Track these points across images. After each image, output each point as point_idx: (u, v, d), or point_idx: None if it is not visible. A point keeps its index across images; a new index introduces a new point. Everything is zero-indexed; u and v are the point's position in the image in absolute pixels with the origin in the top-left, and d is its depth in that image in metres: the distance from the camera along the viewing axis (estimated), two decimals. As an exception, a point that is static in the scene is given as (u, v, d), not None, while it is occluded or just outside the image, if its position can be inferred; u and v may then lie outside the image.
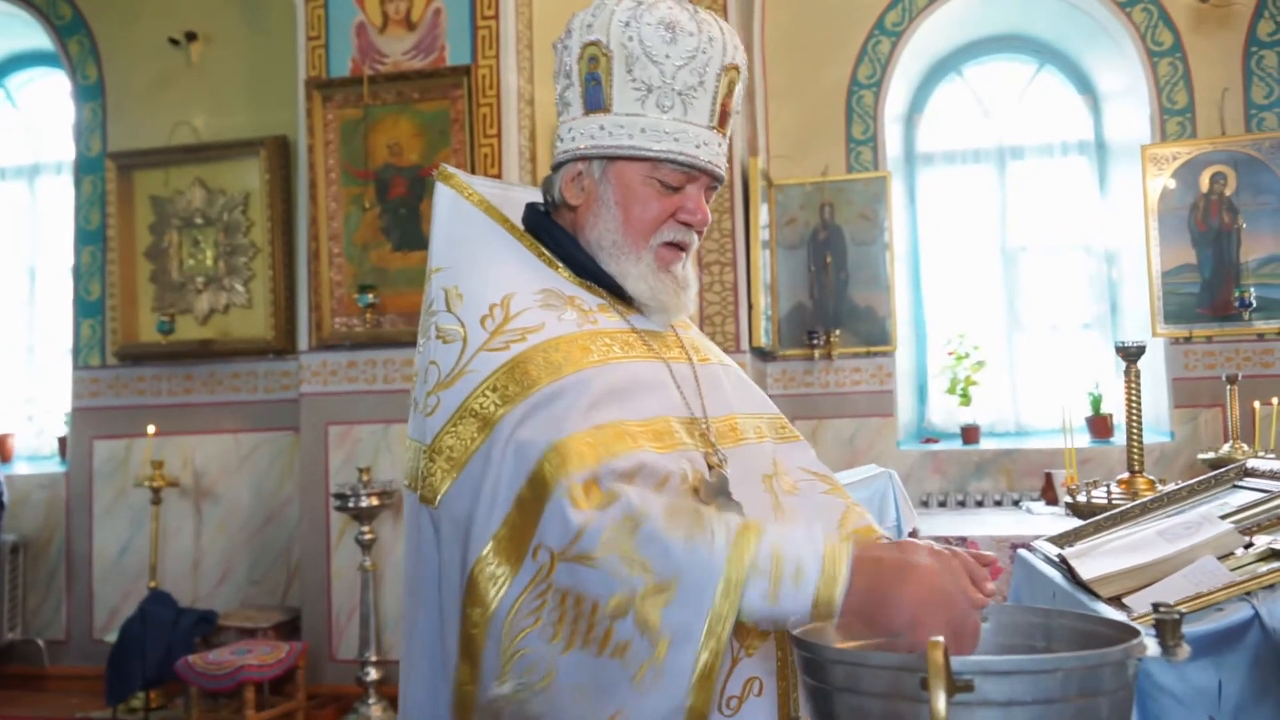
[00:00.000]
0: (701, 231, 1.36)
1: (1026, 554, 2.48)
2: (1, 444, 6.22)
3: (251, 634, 4.85)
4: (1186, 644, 1.14)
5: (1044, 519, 4.26)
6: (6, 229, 6.62)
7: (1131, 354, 3.12)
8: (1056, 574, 2.18)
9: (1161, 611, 1.21)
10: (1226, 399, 4.12)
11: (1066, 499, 3.43)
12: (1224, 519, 2.02)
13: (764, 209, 5.81)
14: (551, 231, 1.37)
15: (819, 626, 1.15)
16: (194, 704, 4.24)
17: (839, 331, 5.90)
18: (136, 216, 5.63)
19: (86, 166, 5.86)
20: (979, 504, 5.53)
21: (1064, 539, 2.39)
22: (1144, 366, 3.23)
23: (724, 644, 1.06)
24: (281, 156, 5.43)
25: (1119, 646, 1.01)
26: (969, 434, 5.87)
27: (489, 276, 1.30)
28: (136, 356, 5.61)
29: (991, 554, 1.28)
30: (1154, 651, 1.03)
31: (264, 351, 5.44)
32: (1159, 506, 2.38)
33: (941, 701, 0.88)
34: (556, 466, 1.12)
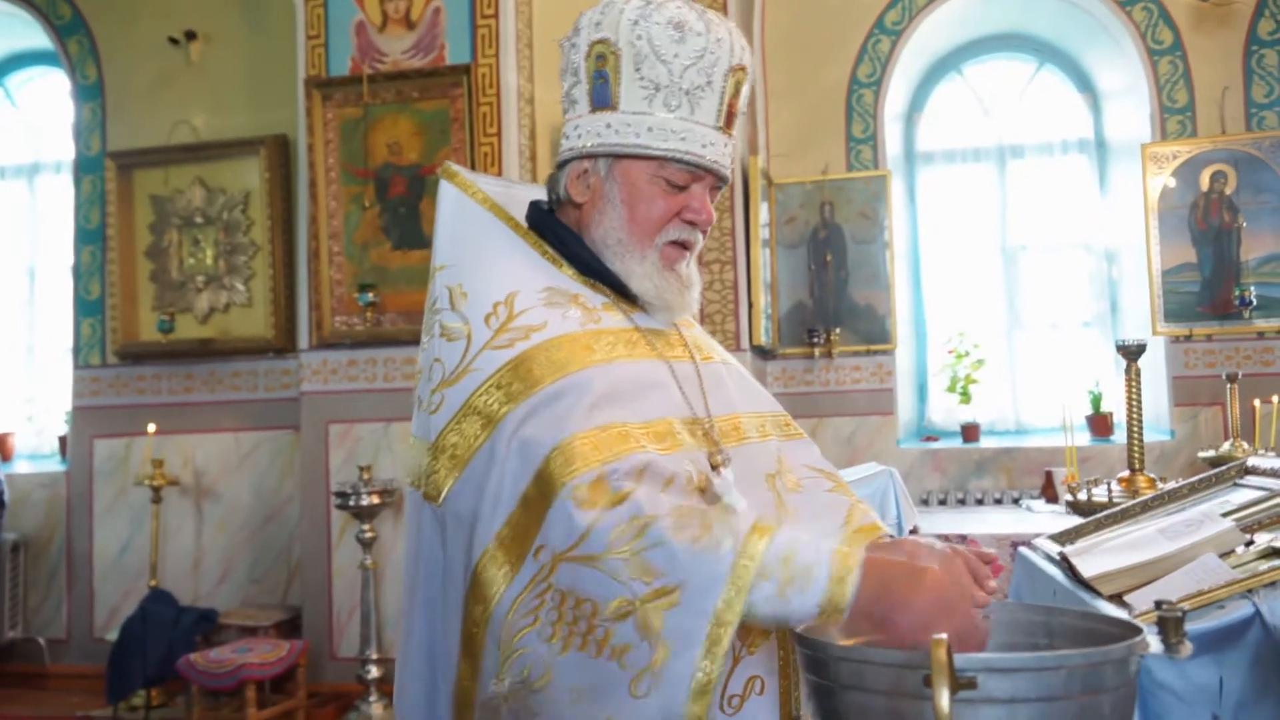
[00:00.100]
0: (706, 231, 1.36)
1: (1027, 552, 2.48)
2: (2, 443, 6.22)
3: (252, 632, 4.85)
4: (1189, 641, 1.14)
5: (1044, 517, 4.26)
6: (6, 228, 6.62)
7: (1132, 352, 3.12)
8: (1057, 572, 2.18)
9: (1164, 609, 1.22)
10: (1226, 397, 4.12)
11: (1067, 497, 3.43)
12: (1225, 517, 2.03)
13: (764, 207, 5.81)
14: (555, 229, 1.37)
15: (821, 624, 1.16)
16: (195, 702, 4.24)
17: (839, 330, 5.90)
18: (136, 216, 5.63)
19: (86, 166, 5.86)
20: (979, 502, 5.53)
21: (1065, 537, 2.39)
22: (1144, 365, 3.23)
23: (725, 652, 1.05)
24: (281, 155, 5.43)
25: (1121, 644, 1.01)
26: (969, 432, 5.87)
27: (493, 274, 1.30)
28: (137, 355, 5.61)
29: (993, 551, 1.29)
30: (1156, 649, 1.03)
31: (264, 350, 5.44)
32: (1160, 504, 2.38)
33: (945, 699, 0.88)
34: (562, 466, 1.12)
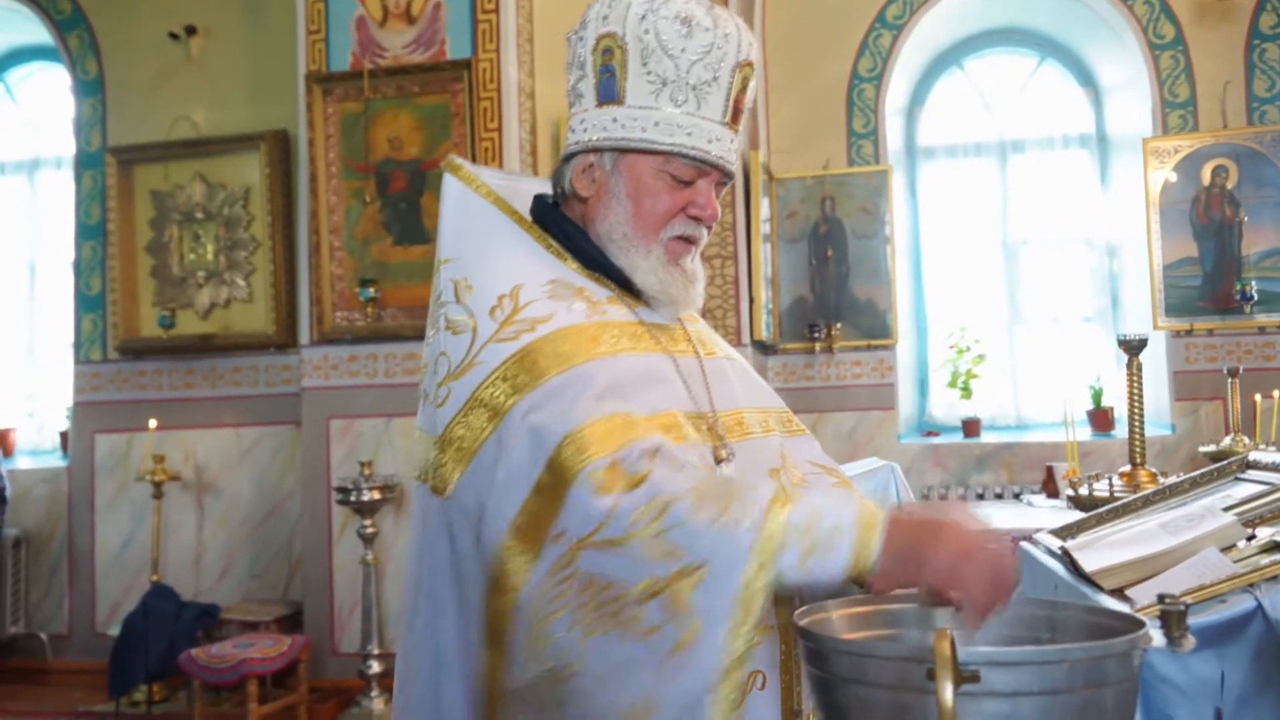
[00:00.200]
0: (711, 227, 1.36)
1: (1029, 546, 2.48)
2: (3, 439, 6.22)
3: (254, 627, 4.86)
4: (1191, 635, 1.14)
5: (1045, 512, 4.26)
6: (7, 224, 6.61)
7: (1133, 347, 3.12)
8: (1059, 566, 2.18)
9: (1167, 603, 1.22)
10: (1227, 392, 4.12)
11: (1068, 492, 3.43)
12: (1226, 511, 2.03)
13: (765, 203, 5.80)
14: (560, 223, 1.37)
15: (824, 618, 1.16)
16: (196, 697, 4.25)
17: (840, 325, 5.90)
18: (137, 211, 5.63)
19: (87, 161, 5.85)
20: (980, 497, 5.53)
21: (1066, 531, 2.39)
22: (1145, 359, 3.23)
23: (755, 624, 1.06)
24: (282, 151, 5.42)
25: (1124, 637, 1.01)
26: (970, 427, 5.87)
27: (498, 267, 1.30)
28: (138, 351, 5.61)
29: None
30: (1159, 642, 1.03)
31: (265, 345, 5.44)
32: (1161, 499, 2.38)
33: (948, 692, 0.88)
34: (576, 452, 1.12)
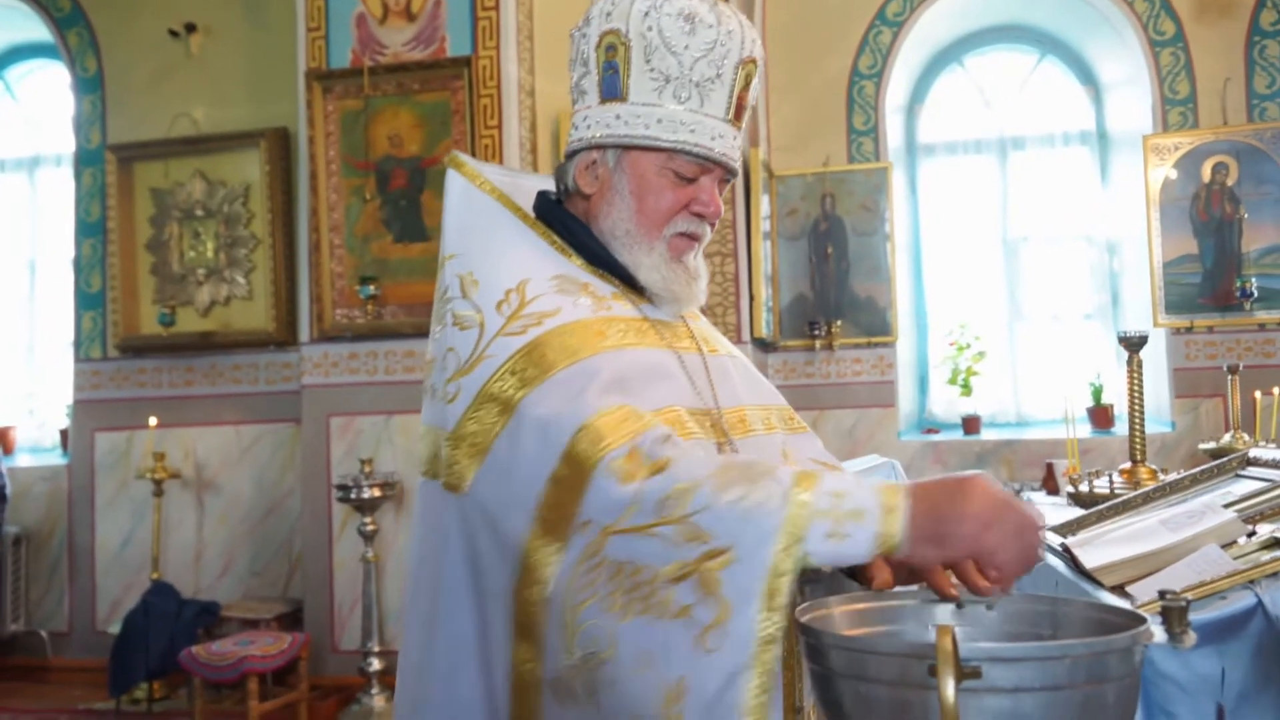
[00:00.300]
0: (714, 224, 1.36)
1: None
2: (3, 436, 6.22)
3: (254, 625, 4.86)
4: (1192, 631, 1.14)
5: (1045, 509, 4.26)
6: (7, 222, 6.61)
7: (1134, 344, 3.12)
8: (1059, 563, 2.18)
9: (1168, 598, 1.22)
10: (1227, 389, 4.12)
11: (1068, 489, 3.43)
12: (1227, 508, 2.03)
13: (765, 200, 5.80)
14: (564, 219, 1.37)
15: (824, 614, 1.16)
16: (197, 695, 4.24)
17: (840, 322, 5.90)
18: (137, 209, 5.63)
19: (86, 159, 5.85)
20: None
21: (1066, 528, 2.40)
22: (1145, 357, 3.23)
23: (785, 603, 1.06)
24: (282, 148, 5.42)
25: (1126, 633, 1.01)
26: (970, 424, 5.87)
27: (503, 262, 1.30)
28: (138, 349, 5.61)
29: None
30: (1161, 638, 1.03)
31: (265, 343, 5.44)
32: (1161, 496, 2.38)
33: (950, 688, 0.88)
34: (592, 443, 1.12)
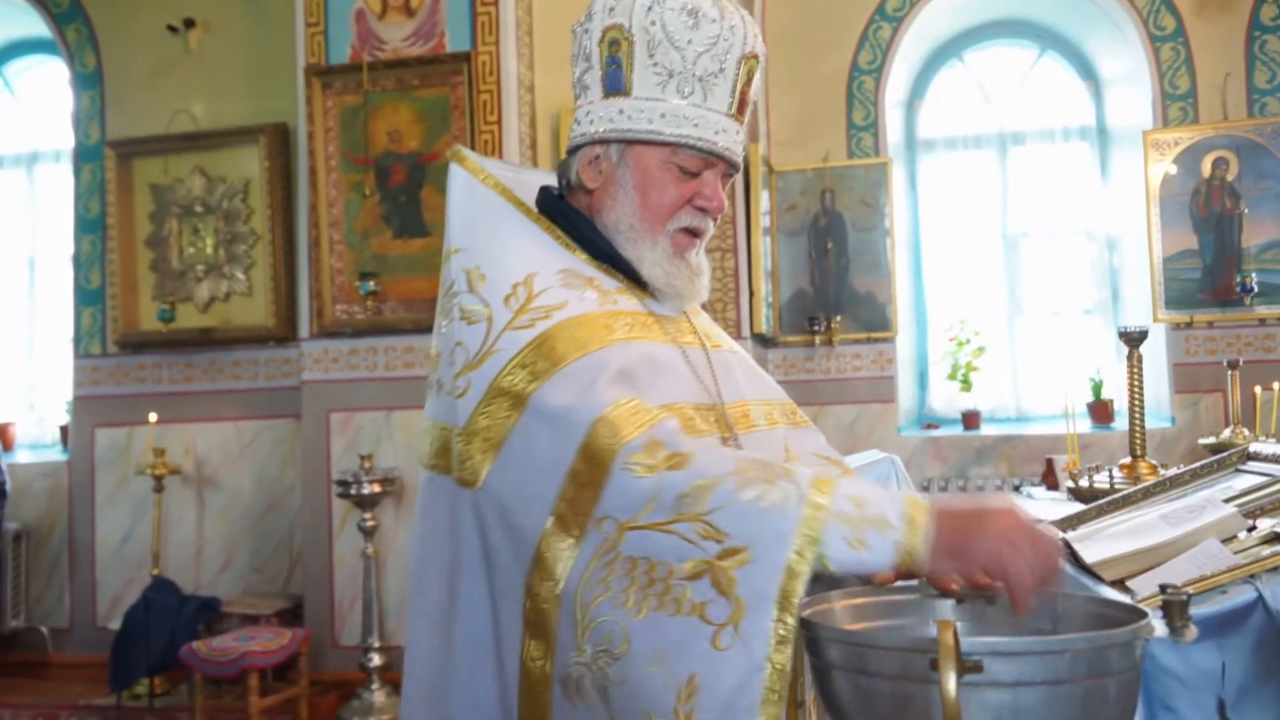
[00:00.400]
0: (716, 218, 1.37)
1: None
2: (3, 432, 6.22)
3: (254, 621, 4.86)
4: (1193, 625, 1.14)
5: (1045, 504, 4.25)
6: (6, 218, 6.60)
7: (1134, 339, 3.12)
8: (1060, 558, 2.19)
9: (1169, 593, 1.22)
10: (1227, 384, 4.11)
11: (1068, 484, 3.43)
12: (1227, 503, 2.03)
13: (765, 195, 5.80)
14: (567, 214, 1.37)
15: (826, 609, 1.16)
16: (198, 690, 4.25)
17: (840, 318, 5.89)
18: (136, 204, 5.62)
19: (85, 154, 5.84)
20: (980, 489, 5.54)
21: (1067, 523, 2.40)
22: (1145, 352, 3.22)
23: (800, 604, 1.06)
24: (281, 144, 5.41)
25: (1127, 628, 1.01)
26: (970, 420, 5.87)
27: (510, 256, 1.30)
28: (137, 344, 5.61)
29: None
30: (1162, 633, 1.03)
31: (265, 339, 5.44)
32: (1162, 491, 2.38)
33: (951, 682, 0.89)
34: (610, 437, 1.12)
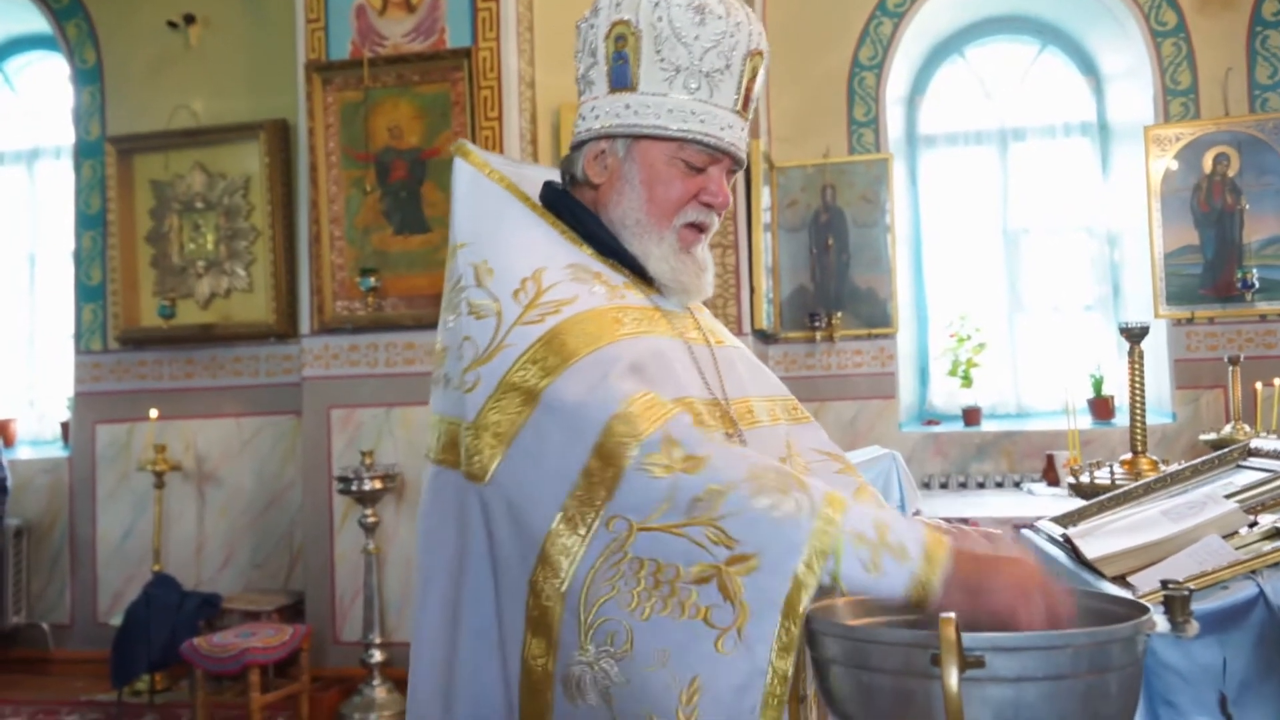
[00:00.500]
0: (721, 214, 1.37)
1: (1030, 534, 2.49)
2: (4, 429, 6.22)
3: (255, 617, 4.86)
4: (1194, 620, 1.15)
5: (1045, 500, 4.28)
6: (7, 214, 6.60)
7: (1135, 335, 3.12)
8: (1060, 553, 2.19)
9: (1171, 588, 1.22)
10: (1228, 380, 4.12)
11: (1069, 480, 3.44)
12: (1228, 498, 2.03)
13: (765, 191, 5.79)
14: (573, 209, 1.37)
15: (828, 603, 1.16)
16: (199, 686, 4.25)
17: (840, 314, 5.89)
18: (137, 201, 5.62)
19: (86, 151, 5.84)
20: (980, 486, 5.54)
21: (1067, 519, 2.40)
22: (1146, 348, 3.22)
23: (804, 613, 1.07)
24: (281, 140, 5.41)
25: (1128, 623, 1.01)
26: (970, 416, 5.87)
27: (518, 251, 1.30)
28: (138, 341, 5.61)
29: (998, 531, 1.29)
30: (1163, 628, 1.03)
31: (265, 335, 5.44)
32: (1163, 486, 2.38)
33: (953, 677, 0.89)
34: (625, 434, 1.12)
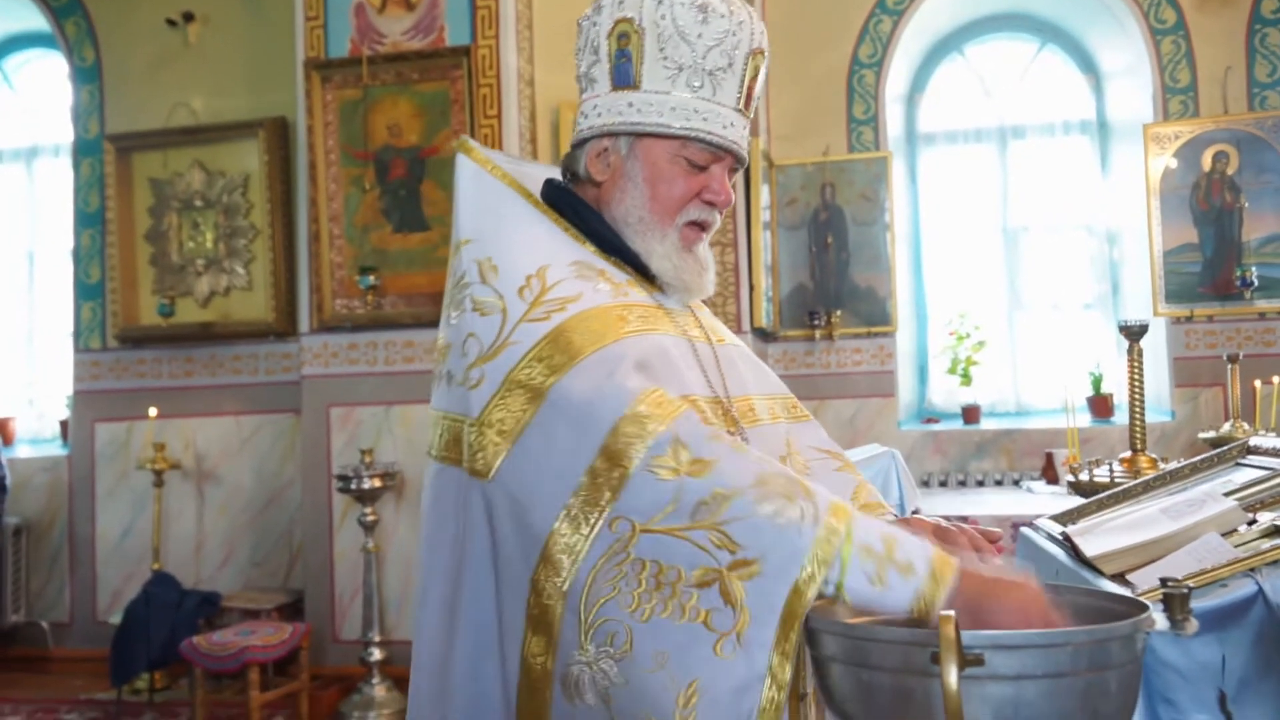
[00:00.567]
0: (723, 212, 1.37)
1: (1029, 532, 2.49)
2: (3, 427, 6.22)
3: (255, 615, 4.86)
4: (1194, 618, 1.14)
5: (1044, 498, 4.28)
6: (5, 212, 6.60)
7: (1134, 333, 3.13)
8: (1060, 551, 2.19)
9: (1170, 585, 1.22)
10: (1227, 378, 4.12)
11: (1068, 478, 3.44)
12: (1227, 496, 2.03)
13: (765, 190, 5.80)
14: (576, 206, 1.37)
15: (828, 602, 1.16)
16: (198, 685, 4.25)
17: (840, 312, 5.89)
18: (136, 199, 5.62)
19: (85, 149, 5.84)
20: (980, 484, 5.54)
21: (1067, 517, 2.40)
22: (1145, 346, 3.23)
23: (802, 621, 1.07)
24: (280, 138, 5.40)
25: (1128, 620, 1.01)
26: (970, 414, 5.87)
27: (522, 248, 1.30)
28: (137, 339, 5.60)
29: (997, 529, 1.29)
30: (1163, 625, 1.03)
31: (265, 334, 5.43)
32: (1162, 484, 2.38)
33: (953, 675, 0.89)
34: (632, 437, 1.12)
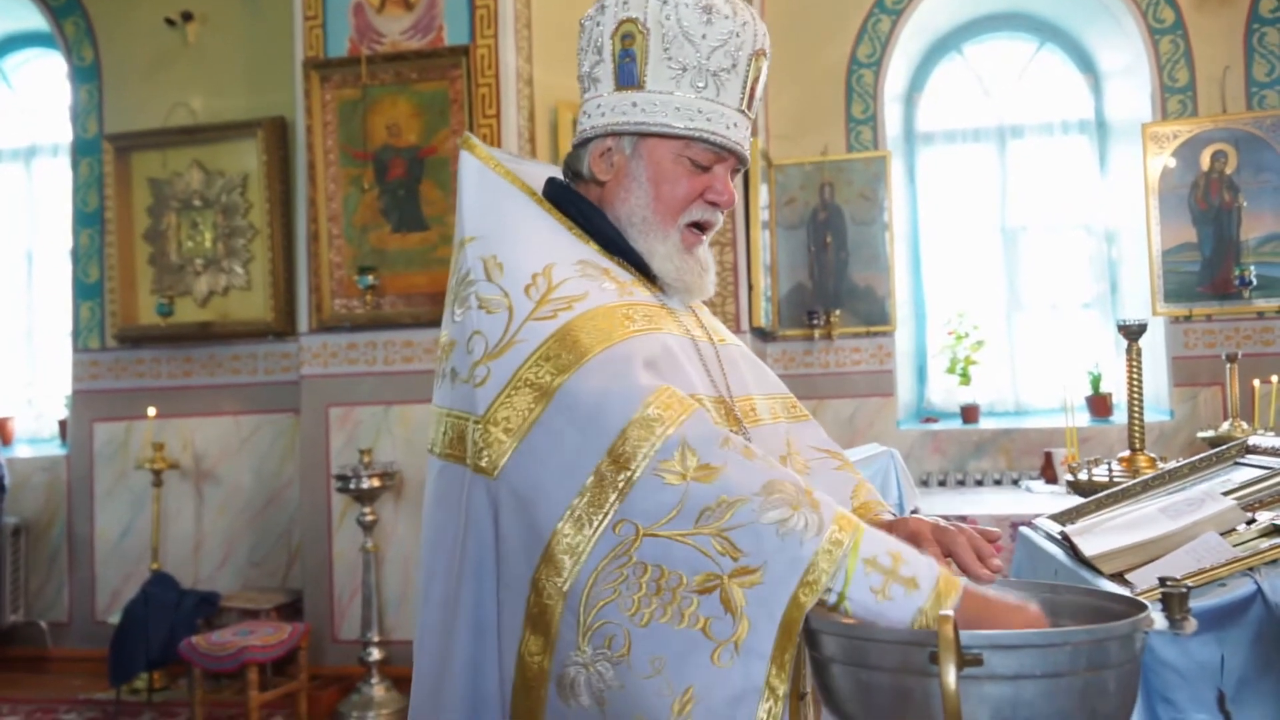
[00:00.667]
0: (725, 212, 1.37)
1: (1028, 531, 2.49)
2: (2, 427, 6.22)
3: (254, 615, 4.86)
4: (1192, 617, 1.15)
5: (1043, 497, 4.28)
6: (4, 212, 6.59)
7: (1133, 332, 3.13)
8: (1058, 551, 2.19)
9: (1169, 585, 1.22)
10: (1226, 377, 4.13)
11: (1067, 477, 3.44)
12: (1226, 495, 2.03)
13: (764, 189, 5.79)
14: (579, 205, 1.37)
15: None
16: (197, 685, 4.25)
17: (839, 311, 5.89)
18: (134, 198, 5.61)
19: (83, 148, 5.83)
20: (978, 483, 5.54)
21: (1066, 516, 2.40)
22: (1144, 345, 3.23)
23: (800, 630, 1.07)
24: (279, 138, 5.40)
25: (1126, 620, 1.01)
26: (968, 413, 5.88)
27: (527, 246, 1.30)
28: (136, 339, 5.60)
29: (995, 529, 1.29)
30: (1161, 625, 1.03)
31: (264, 333, 5.43)
32: (1161, 484, 2.39)
33: (951, 675, 0.89)
34: (640, 440, 1.11)
